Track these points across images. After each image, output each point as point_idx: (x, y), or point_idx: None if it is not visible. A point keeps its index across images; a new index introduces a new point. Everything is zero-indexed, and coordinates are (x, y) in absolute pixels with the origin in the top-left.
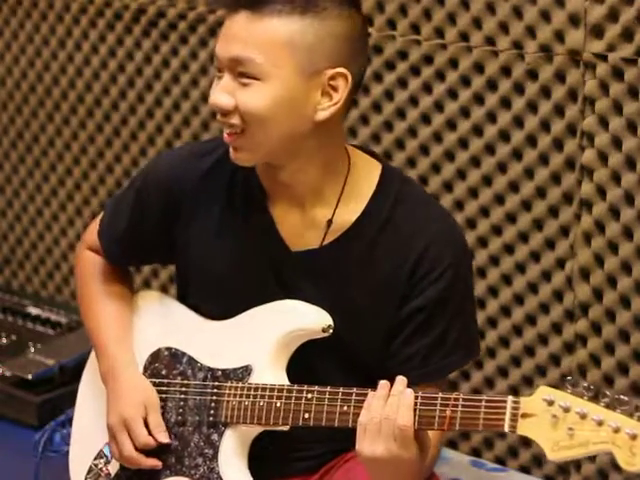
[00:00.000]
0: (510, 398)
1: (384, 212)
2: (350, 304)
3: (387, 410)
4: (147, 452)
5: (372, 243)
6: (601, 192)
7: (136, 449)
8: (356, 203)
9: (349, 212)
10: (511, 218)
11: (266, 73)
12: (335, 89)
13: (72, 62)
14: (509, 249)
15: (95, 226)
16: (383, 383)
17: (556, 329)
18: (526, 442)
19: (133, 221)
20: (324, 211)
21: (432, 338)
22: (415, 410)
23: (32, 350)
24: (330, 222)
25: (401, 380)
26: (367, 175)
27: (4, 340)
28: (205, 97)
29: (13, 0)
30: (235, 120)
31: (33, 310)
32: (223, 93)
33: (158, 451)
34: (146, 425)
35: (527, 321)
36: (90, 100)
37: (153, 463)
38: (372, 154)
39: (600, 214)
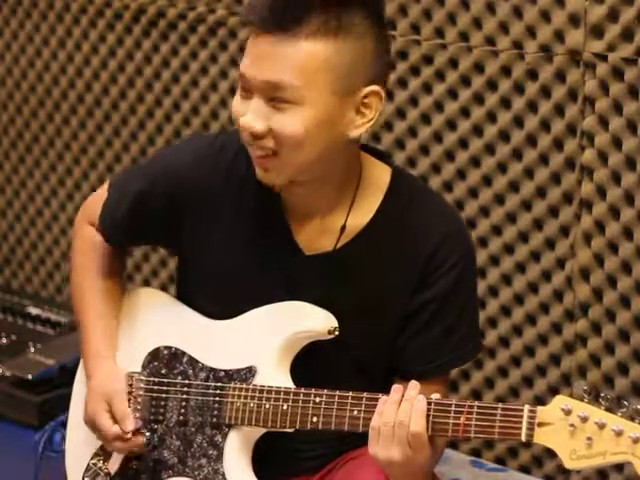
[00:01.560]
0: (527, 407)
1: (396, 214)
2: (362, 304)
3: (400, 416)
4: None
5: (384, 244)
6: (601, 192)
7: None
8: (368, 206)
9: (361, 215)
10: (511, 218)
11: (303, 97)
12: (368, 106)
13: (72, 62)
14: (509, 249)
15: (98, 199)
16: (396, 387)
17: (556, 329)
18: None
19: (133, 221)
20: (338, 216)
21: (440, 331)
22: (428, 416)
23: (32, 350)
24: (344, 228)
25: (414, 385)
26: (378, 179)
27: (4, 340)
28: (205, 97)
29: (13, 0)
30: (268, 143)
31: (33, 310)
32: (256, 118)
33: (161, 451)
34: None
35: (527, 321)
36: (90, 100)
37: (138, 442)
38: (381, 156)
39: (600, 214)
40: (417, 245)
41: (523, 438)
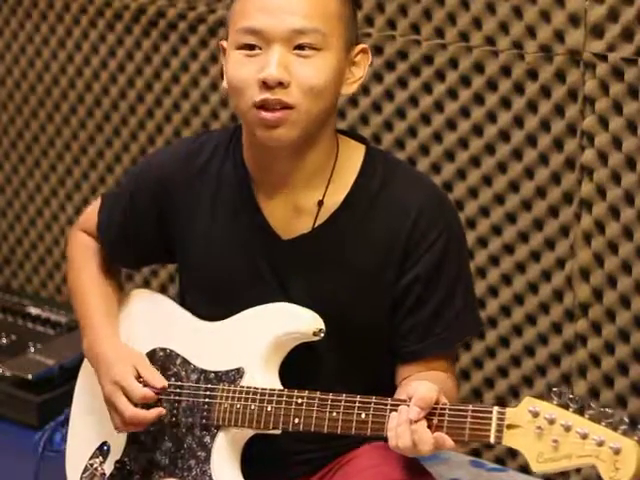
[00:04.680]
0: (496, 409)
1: (372, 188)
2: (348, 283)
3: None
4: (144, 447)
5: (363, 220)
6: (601, 192)
7: (136, 406)
8: (342, 183)
9: (336, 193)
10: (511, 218)
11: (327, 43)
12: (357, 65)
13: (72, 62)
14: (509, 249)
15: (92, 214)
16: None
17: (556, 329)
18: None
19: (127, 224)
20: (313, 195)
21: (432, 307)
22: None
23: (32, 350)
24: (321, 203)
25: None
26: (352, 156)
27: (4, 340)
28: (205, 97)
29: (13, 0)
30: (290, 94)
31: (33, 310)
32: (280, 67)
33: (154, 452)
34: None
35: (527, 321)
36: (90, 100)
37: (158, 412)
38: (355, 136)
39: (600, 214)
40: (397, 220)
41: (492, 440)
